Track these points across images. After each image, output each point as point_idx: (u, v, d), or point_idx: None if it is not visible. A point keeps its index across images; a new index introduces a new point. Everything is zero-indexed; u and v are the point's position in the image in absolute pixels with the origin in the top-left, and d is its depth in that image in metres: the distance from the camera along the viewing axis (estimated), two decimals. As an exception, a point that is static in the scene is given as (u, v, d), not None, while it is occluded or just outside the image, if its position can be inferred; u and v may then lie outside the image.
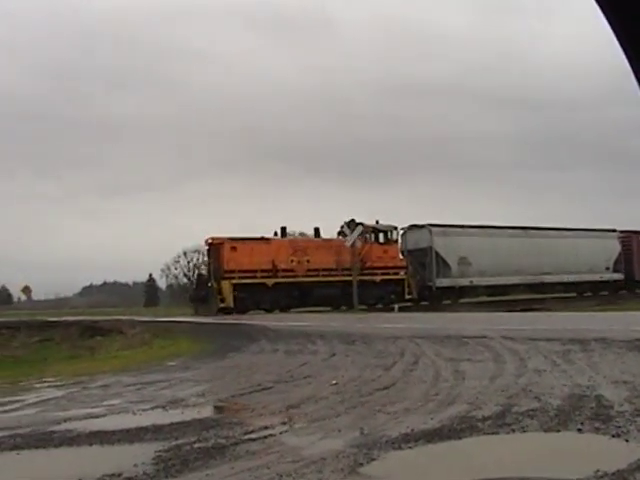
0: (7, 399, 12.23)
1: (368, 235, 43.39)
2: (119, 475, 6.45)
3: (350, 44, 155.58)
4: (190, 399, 11.08)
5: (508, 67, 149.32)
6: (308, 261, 41.43)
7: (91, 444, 8.02)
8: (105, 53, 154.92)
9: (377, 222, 43.76)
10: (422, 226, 46.35)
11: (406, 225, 47.07)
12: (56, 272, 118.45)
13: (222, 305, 38.51)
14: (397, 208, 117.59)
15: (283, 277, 40.35)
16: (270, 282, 39.79)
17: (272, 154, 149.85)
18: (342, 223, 43.94)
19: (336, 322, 26.45)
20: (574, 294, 51.38)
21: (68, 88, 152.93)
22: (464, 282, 46.03)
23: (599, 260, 52.53)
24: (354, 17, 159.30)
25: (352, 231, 41.17)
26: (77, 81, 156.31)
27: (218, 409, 10.30)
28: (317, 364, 14.68)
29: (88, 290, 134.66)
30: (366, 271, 42.22)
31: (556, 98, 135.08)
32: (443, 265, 45.48)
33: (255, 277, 39.45)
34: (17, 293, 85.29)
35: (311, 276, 41.13)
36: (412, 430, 7.73)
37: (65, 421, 9.54)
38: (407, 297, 43.91)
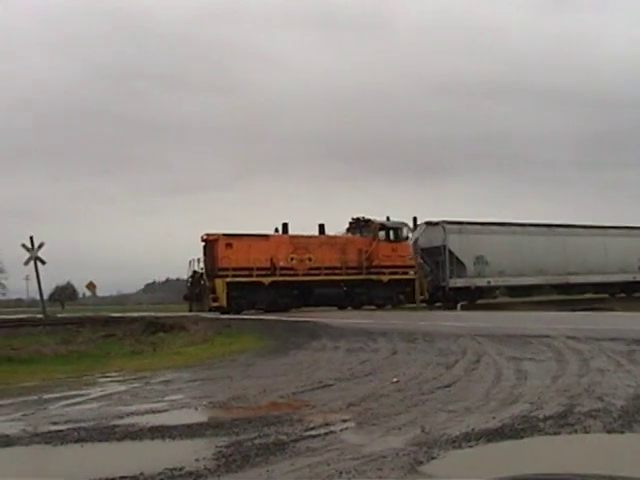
0: (72, 393, 12.42)
1: (376, 232, 41.89)
2: (181, 469, 6.50)
3: (404, 41, 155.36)
4: (251, 395, 11.14)
5: (568, 64, 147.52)
6: (310, 259, 40.10)
7: (153, 438, 8.10)
8: (163, 53, 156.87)
9: (388, 219, 42.38)
10: (436, 223, 44.91)
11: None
12: (119, 269, 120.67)
13: (215, 304, 37.36)
14: (445, 206, 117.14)
15: (282, 275, 39.07)
16: (267, 281, 38.57)
17: (326, 153, 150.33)
18: (350, 220, 43.21)
19: (398, 320, 26.43)
20: (606, 295, 49.36)
21: (126, 88, 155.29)
22: (481, 282, 44.71)
23: (631, 259, 50.39)
24: (408, 14, 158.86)
25: (414, 229, 40.82)
26: (135, 81, 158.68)
27: (279, 406, 10.32)
28: (378, 362, 14.66)
29: (150, 287, 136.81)
30: (373, 270, 41.04)
31: (618, 95, 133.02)
32: (458, 264, 44.13)
33: (251, 275, 38.26)
34: (82, 289, 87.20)
35: (312, 275, 39.84)
36: (473, 429, 7.68)
37: (127, 415, 9.65)
38: (419, 298, 42.35)
